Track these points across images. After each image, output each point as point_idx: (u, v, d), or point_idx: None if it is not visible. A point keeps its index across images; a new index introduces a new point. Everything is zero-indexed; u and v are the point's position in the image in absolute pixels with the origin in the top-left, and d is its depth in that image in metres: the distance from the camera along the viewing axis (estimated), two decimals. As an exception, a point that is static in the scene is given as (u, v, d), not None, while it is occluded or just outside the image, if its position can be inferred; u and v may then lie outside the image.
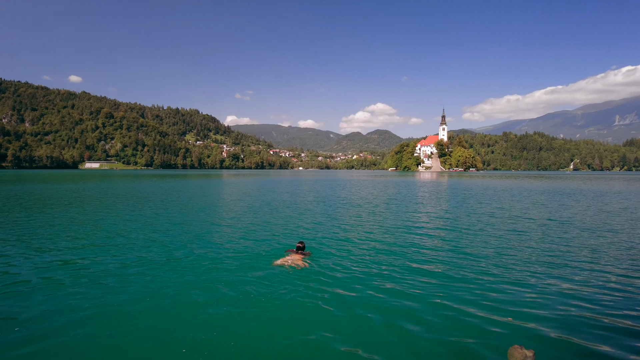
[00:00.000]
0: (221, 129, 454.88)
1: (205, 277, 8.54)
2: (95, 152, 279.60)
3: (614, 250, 11.28)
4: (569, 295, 7.55)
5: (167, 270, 9.07)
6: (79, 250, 11.14)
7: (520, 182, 61.31)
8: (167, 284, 8.09)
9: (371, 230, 14.82)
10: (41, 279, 8.30)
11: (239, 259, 10.17)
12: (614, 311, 6.75)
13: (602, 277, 8.65)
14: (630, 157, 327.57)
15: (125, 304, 7.00)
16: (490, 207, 23.03)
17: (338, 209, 22.54)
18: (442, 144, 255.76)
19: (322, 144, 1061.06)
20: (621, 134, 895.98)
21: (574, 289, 7.85)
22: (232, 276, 8.56)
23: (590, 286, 8.02)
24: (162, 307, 6.88)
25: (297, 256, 9.89)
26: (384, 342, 5.75)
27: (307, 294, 7.57)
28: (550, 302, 7.17)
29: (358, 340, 5.80)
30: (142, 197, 29.42)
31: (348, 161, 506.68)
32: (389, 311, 6.77)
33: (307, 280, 8.35)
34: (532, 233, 14.05)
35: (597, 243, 12.23)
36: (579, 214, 19.50)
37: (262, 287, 7.86)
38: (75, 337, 5.73)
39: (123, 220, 16.89)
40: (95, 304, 6.96)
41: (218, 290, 7.70)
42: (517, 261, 10.02)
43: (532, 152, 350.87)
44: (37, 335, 5.76)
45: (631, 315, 6.56)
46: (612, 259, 10.22)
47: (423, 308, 6.90)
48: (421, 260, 10.15)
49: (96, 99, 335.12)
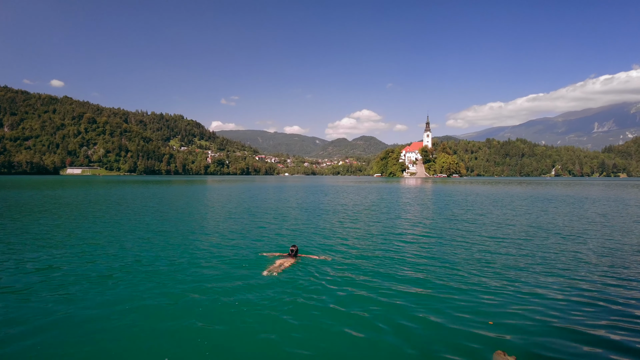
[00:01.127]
0: (206, 134, 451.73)
1: (194, 282, 8.82)
2: (77, 157, 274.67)
3: (594, 256, 11.65)
4: (549, 300, 7.80)
5: (142, 278, 9.19)
6: (51, 259, 11.05)
7: (501, 188, 62.51)
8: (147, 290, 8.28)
9: (358, 237, 15.28)
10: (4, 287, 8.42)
11: (226, 263, 10.62)
12: (592, 319, 6.93)
13: (580, 283, 8.93)
14: (608, 164, 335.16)
15: (94, 313, 7.04)
16: (471, 214, 23.61)
17: (325, 215, 22.87)
18: (427, 151, 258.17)
19: (308, 150, 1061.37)
20: (600, 141, 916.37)
21: (554, 295, 8.11)
22: (223, 280, 8.99)
23: (569, 293, 8.28)
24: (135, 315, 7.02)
25: (289, 259, 10.49)
26: (367, 347, 5.86)
27: (298, 295, 8.02)
28: (531, 308, 7.39)
29: (338, 344, 6.00)
30: (121, 204, 29.22)
31: (334, 167, 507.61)
32: (373, 317, 6.97)
33: (298, 282, 8.83)
34: (512, 239, 14.45)
35: (576, 249, 12.65)
36: (559, 221, 19.95)
37: (255, 290, 8.29)
38: (43, 345, 5.83)
39: (98, 228, 16.70)
40: (62, 313, 7.01)
41: (207, 296, 7.93)
42: (497, 267, 10.34)
43: (514, 158, 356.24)
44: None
45: (608, 323, 6.71)
46: (591, 265, 10.56)
47: (405, 314, 7.10)
48: (403, 266, 10.41)
49: (78, 104, 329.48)
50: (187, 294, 8.05)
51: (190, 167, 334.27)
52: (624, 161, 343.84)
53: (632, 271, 9.94)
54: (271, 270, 9.61)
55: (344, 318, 6.94)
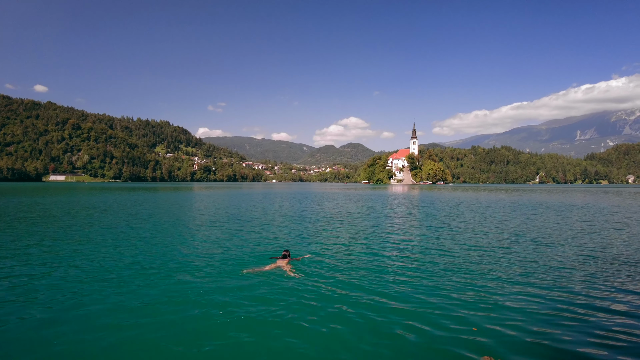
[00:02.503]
0: (192, 141, 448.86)
1: (186, 285, 9.15)
2: (60, 164, 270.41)
3: (576, 264, 11.72)
4: (532, 307, 7.88)
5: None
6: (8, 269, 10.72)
7: (485, 195, 62.98)
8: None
9: (347, 242, 15.72)
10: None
11: (220, 266, 11.10)
12: (575, 325, 7.00)
13: (562, 290, 8.99)
14: (590, 171, 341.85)
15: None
16: (455, 221, 23.77)
17: (313, 222, 22.99)
18: (413, 158, 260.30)
19: (296, 157, 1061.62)
20: (582, 149, 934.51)
21: (536, 302, 8.18)
22: (219, 282, 9.46)
23: (551, 299, 8.36)
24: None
25: (282, 262, 11.03)
26: (347, 353, 5.94)
27: (291, 295, 8.43)
28: (514, 314, 7.46)
29: (327, 346, 6.17)
30: (103, 210, 28.50)
31: (321, 174, 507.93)
32: (359, 321, 7.11)
33: (290, 284, 9.27)
34: (495, 247, 14.55)
35: (558, 257, 12.68)
36: (541, 229, 20.04)
37: (248, 291, 8.68)
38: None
39: (71, 237, 16.33)
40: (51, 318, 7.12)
41: (202, 298, 8.21)
42: (481, 274, 10.46)
43: (499, 165, 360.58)
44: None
45: (591, 331, 6.77)
46: (573, 273, 10.63)
47: (389, 320, 7.18)
48: (387, 273, 10.50)
49: (62, 110, 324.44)
50: (179, 296, 8.28)
51: (176, 174, 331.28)
52: (606, 168, 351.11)
53: (613, 279, 10.06)
54: (266, 272, 10.30)
55: (327, 322, 7.07)
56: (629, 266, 11.33)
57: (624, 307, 7.94)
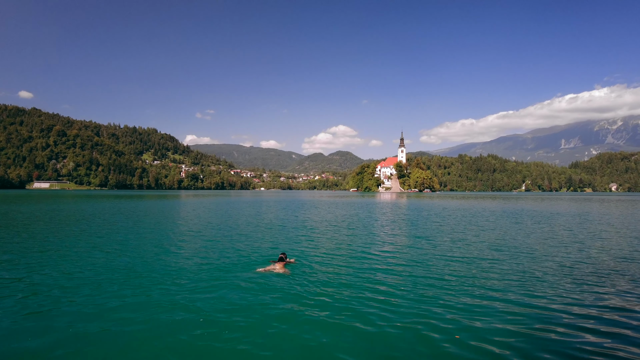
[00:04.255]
0: (180, 148, 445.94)
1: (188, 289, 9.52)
2: (45, 171, 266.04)
3: (559, 272, 11.81)
4: (514, 314, 7.99)
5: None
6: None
7: (471, 203, 63.36)
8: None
9: (337, 248, 16.26)
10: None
11: (221, 270, 11.71)
12: (557, 333, 7.07)
13: (544, 298, 9.12)
14: (575, 179, 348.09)
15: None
16: (440, 230, 24.04)
17: (303, 230, 23.06)
18: (401, 166, 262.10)
19: (285, 165, 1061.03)
20: (567, 157, 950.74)
21: (519, 310, 8.29)
22: (221, 282, 10.13)
23: (534, 307, 8.48)
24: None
25: (279, 265, 11.64)
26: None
27: (288, 297, 8.97)
28: (497, 322, 7.55)
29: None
30: (87, 219, 28.13)
31: (310, 182, 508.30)
32: (343, 328, 7.25)
33: (286, 285, 9.90)
34: (479, 255, 14.66)
35: (542, 266, 12.78)
36: (526, 237, 20.20)
37: (247, 293, 9.22)
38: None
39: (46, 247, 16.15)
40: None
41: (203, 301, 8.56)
42: (464, 282, 10.57)
43: (486, 173, 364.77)
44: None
45: (573, 340, 6.80)
46: (556, 281, 10.77)
47: (371, 327, 7.26)
48: (371, 282, 10.58)
49: (48, 116, 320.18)
50: (179, 299, 8.34)
51: (163, 182, 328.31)
52: (589, 176, 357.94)
53: (594, 286, 10.25)
54: (262, 274, 10.94)
55: (309, 326, 7.28)
56: (613, 276, 11.49)
57: (606, 315, 8.13)
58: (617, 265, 12.77)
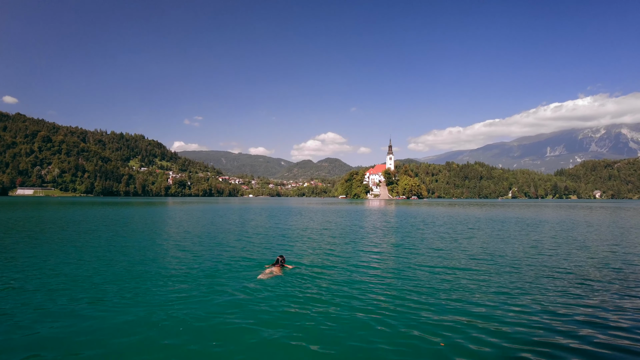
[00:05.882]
0: (167, 155, 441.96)
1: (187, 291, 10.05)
2: (29, 177, 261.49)
3: (543, 280, 11.92)
4: (499, 322, 8.07)
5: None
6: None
7: (456, 210, 63.62)
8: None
9: (330, 253, 16.78)
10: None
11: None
12: (542, 341, 7.14)
13: (531, 305, 9.22)
14: (560, 186, 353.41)
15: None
16: (425, 237, 24.22)
17: (293, 237, 23.13)
18: (390, 173, 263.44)
19: (273, 171, 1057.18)
20: (552, 164, 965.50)
21: (503, 317, 8.36)
22: (221, 285, 10.67)
23: (519, 315, 8.56)
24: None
25: (276, 268, 12.09)
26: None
27: (283, 297, 9.50)
28: (481, 331, 7.59)
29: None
30: (65, 228, 27.74)
31: (299, 188, 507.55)
32: (324, 331, 7.47)
33: (282, 287, 10.46)
34: (464, 263, 14.79)
35: (527, 273, 12.85)
36: (510, 244, 20.35)
37: (248, 292, 9.88)
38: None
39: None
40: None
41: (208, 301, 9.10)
42: (449, 289, 10.66)
43: (473, 180, 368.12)
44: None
45: (558, 348, 6.84)
46: (541, 288, 10.90)
47: (354, 335, 7.36)
48: (355, 289, 10.60)
49: (32, 122, 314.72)
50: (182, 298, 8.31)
51: (150, 188, 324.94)
52: (574, 184, 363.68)
53: (577, 296, 10.38)
54: (261, 276, 11.38)
55: (297, 333, 7.38)
56: (598, 284, 11.65)
57: (589, 320, 8.29)
58: (602, 274, 12.97)
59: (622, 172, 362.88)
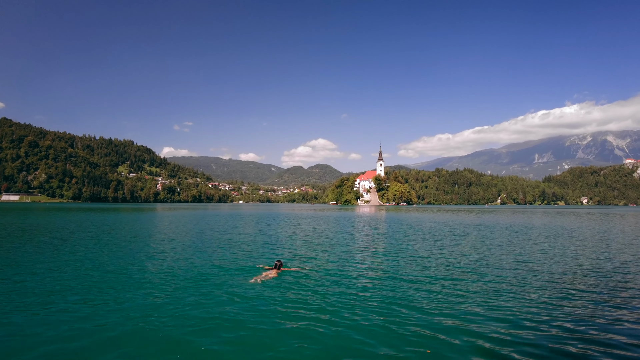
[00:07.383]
0: (157, 160, 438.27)
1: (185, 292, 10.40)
2: (14, 183, 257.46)
3: (530, 288, 11.96)
4: (486, 329, 8.08)
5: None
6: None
7: (446, 216, 64.00)
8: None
9: (325, 258, 17.19)
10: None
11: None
12: (528, 349, 7.13)
13: (519, 313, 9.22)
14: (548, 192, 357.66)
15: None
16: (413, 244, 24.39)
17: (283, 244, 23.19)
18: (380, 179, 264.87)
19: (264, 177, 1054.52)
20: (540, 171, 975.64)
21: (491, 325, 8.36)
22: (216, 289, 10.96)
23: (506, 322, 8.59)
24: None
25: (274, 272, 12.51)
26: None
27: (280, 300, 9.90)
28: (468, 338, 7.61)
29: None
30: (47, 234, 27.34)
31: (290, 195, 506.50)
32: (316, 336, 7.53)
33: (279, 290, 10.89)
34: (453, 269, 14.94)
35: (516, 280, 12.95)
36: (501, 251, 20.51)
37: (241, 296, 10.14)
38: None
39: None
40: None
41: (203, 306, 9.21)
42: (438, 297, 10.71)
43: (462, 187, 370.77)
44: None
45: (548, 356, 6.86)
46: (529, 295, 10.99)
47: (342, 340, 7.43)
48: (344, 296, 10.64)
49: (19, 126, 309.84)
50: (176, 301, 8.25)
51: (139, 194, 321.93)
52: (562, 190, 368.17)
53: (567, 301, 10.51)
54: (257, 280, 11.75)
55: (288, 338, 7.49)
56: (584, 292, 11.76)
57: (578, 327, 8.38)
58: (591, 280, 13.13)
59: (608, 178, 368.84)
